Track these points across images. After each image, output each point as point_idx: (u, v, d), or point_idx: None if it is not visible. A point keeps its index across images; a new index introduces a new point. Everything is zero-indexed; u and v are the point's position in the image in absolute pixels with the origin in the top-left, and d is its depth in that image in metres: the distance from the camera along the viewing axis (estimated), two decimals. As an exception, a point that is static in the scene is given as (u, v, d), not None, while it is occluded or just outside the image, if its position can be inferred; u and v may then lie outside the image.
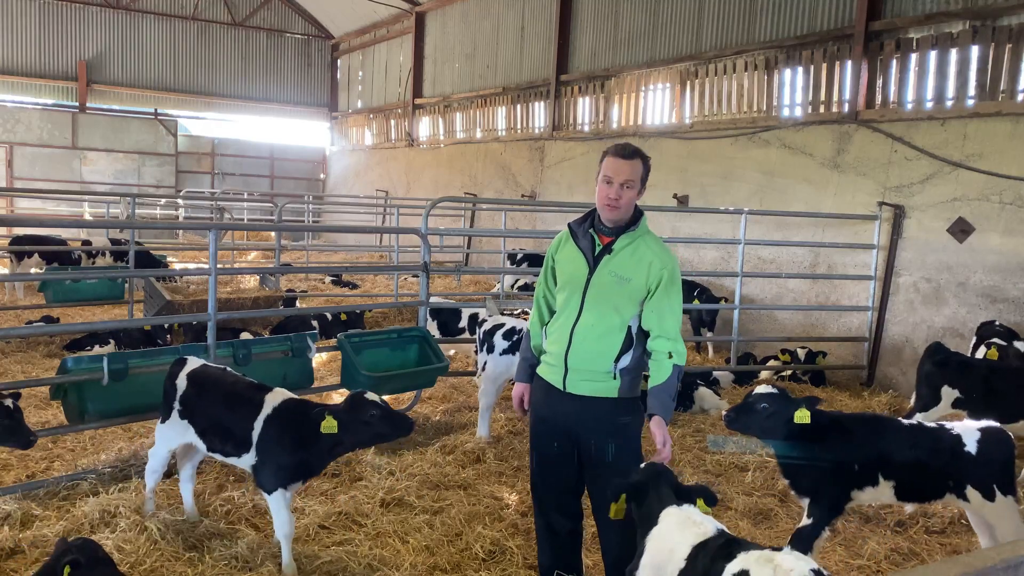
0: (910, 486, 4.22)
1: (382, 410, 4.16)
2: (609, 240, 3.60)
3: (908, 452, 4.19)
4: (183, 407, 4.55)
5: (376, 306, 12.83)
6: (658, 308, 3.53)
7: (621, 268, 3.55)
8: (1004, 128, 8.38)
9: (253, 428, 4.26)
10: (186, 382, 4.58)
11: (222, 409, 4.42)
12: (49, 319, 9.91)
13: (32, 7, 23.49)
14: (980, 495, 4.14)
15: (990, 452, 4.16)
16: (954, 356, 6.25)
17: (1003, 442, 4.21)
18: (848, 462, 4.17)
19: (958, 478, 4.17)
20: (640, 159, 3.54)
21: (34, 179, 23.02)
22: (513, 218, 16.45)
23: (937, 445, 4.22)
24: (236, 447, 4.34)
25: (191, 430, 4.53)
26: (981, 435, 4.19)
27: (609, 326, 3.55)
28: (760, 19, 11.52)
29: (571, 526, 3.86)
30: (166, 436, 4.65)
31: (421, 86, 21.72)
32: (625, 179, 3.49)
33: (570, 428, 3.66)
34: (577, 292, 3.60)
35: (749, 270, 10.21)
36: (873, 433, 4.27)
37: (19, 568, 4.10)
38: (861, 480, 4.19)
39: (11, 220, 17.39)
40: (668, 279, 3.53)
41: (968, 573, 1.96)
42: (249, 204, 22.67)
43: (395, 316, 11.82)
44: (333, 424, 4.09)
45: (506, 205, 15.89)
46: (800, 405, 4.15)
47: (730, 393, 8.35)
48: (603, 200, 3.53)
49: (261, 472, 4.26)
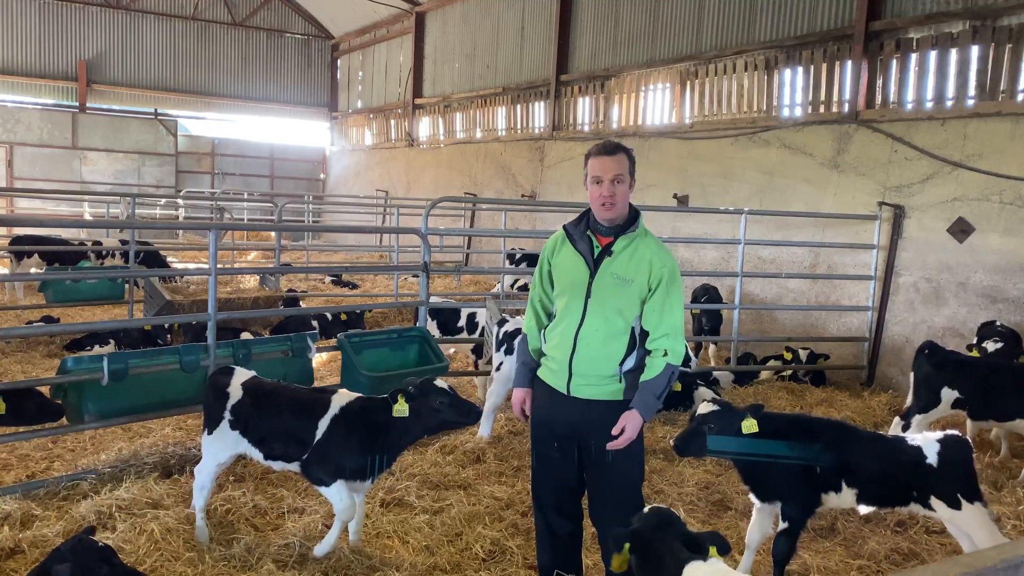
0: (873, 494, 4.19)
1: (451, 397, 4.20)
2: (608, 241, 3.57)
3: (870, 462, 4.15)
4: (235, 417, 4.45)
5: (376, 306, 12.83)
6: (658, 307, 3.52)
7: (622, 270, 3.53)
8: (1004, 128, 8.38)
9: (317, 428, 4.23)
10: (241, 392, 4.48)
11: (288, 415, 4.36)
12: (49, 319, 9.91)
13: (32, 7, 23.50)
14: (945, 505, 4.09)
15: (950, 461, 4.10)
16: (951, 356, 6.16)
17: (962, 449, 4.16)
18: (812, 461, 4.14)
19: (921, 489, 4.13)
20: (623, 152, 3.55)
21: (34, 179, 23.03)
22: (513, 218, 16.44)
23: (899, 457, 4.18)
24: (301, 451, 4.28)
25: (244, 441, 4.44)
26: (941, 446, 4.14)
27: (614, 329, 3.53)
28: (760, 19, 11.52)
29: (571, 527, 3.85)
30: (215, 449, 4.50)
31: (421, 86, 21.72)
32: (614, 175, 3.49)
33: (573, 430, 3.65)
34: (579, 296, 3.57)
35: (749, 270, 10.20)
36: (837, 439, 4.24)
37: (19, 568, 4.10)
38: (826, 483, 4.18)
39: (11, 220, 17.38)
40: (668, 278, 3.51)
41: (968, 573, 1.96)
42: (249, 204, 22.66)
43: (395, 316, 11.82)
44: (405, 407, 4.12)
45: (506, 205, 15.89)
46: (745, 416, 4.13)
47: (730, 393, 8.34)
48: (597, 200, 3.52)
49: (320, 467, 4.22)
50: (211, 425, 4.50)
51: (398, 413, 4.13)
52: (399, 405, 4.13)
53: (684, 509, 5.27)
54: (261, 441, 4.39)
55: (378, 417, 4.21)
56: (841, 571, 4.57)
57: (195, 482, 4.55)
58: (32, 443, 5.86)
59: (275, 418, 4.38)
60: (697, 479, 5.83)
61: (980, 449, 6.76)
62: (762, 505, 4.33)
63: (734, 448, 4.14)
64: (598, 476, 3.66)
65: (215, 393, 4.53)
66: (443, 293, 13.54)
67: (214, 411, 4.49)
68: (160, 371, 5.47)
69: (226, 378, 4.57)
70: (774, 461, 4.13)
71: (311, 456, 4.24)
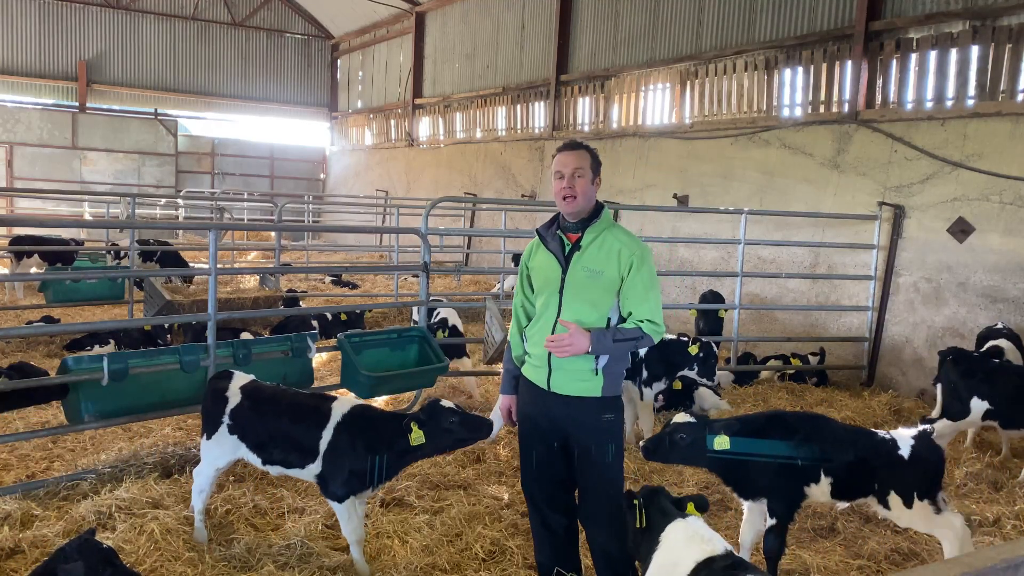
0: (846, 484, 4.19)
1: (460, 415, 4.16)
2: (577, 237, 3.67)
3: (848, 452, 4.16)
4: (234, 421, 4.42)
5: (376, 306, 12.83)
6: (632, 293, 3.58)
7: (592, 262, 3.60)
8: (1004, 128, 8.38)
9: (321, 437, 4.19)
10: (240, 395, 4.45)
11: (287, 421, 4.32)
12: (49, 319, 9.91)
13: (32, 7, 23.50)
14: (901, 501, 4.09)
15: (921, 458, 4.10)
16: (980, 364, 5.76)
17: (936, 451, 4.18)
18: (793, 457, 4.15)
19: (884, 482, 4.13)
20: (585, 149, 3.67)
21: (34, 179, 23.03)
22: (513, 218, 16.44)
23: (873, 447, 4.19)
24: (301, 458, 4.25)
25: (243, 446, 4.41)
26: (915, 441, 4.16)
27: (588, 322, 3.58)
28: (760, 19, 11.52)
29: (566, 522, 3.90)
30: (214, 454, 4.47)
31: (421, 86, 21.72)
32: (573, 168, 3.61)
33: (557, 426, 3.72)
34: (554, 293, 3.66)
35: (749, 270, 10.21)
36: (814, 431, 4.26)
37: (19, 568, 4.10)
38: (807, 475, 4.19)
39: (11, 220, 17.37)
40: (638, 263, 3.57)
41: (968, 573, 1.96)
42: (249, 204, 22.66)
43: (395, 316, 11.83)
44: (420, 434, 4.09)
45: (506, 205, 15.90)
46: (719, 432, 4.15)
47: (730, 393, 8.35)
48: (559, 194, 3.64)
49: (331, 482, 4.19)
50: (210, 429, 4.47)
51: (416, 442, 4.09)
52: (414, 434, 4.08)
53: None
54: (260, 446, 4.37)
55: (391, 437, 4.15)
56: (841, 571, 4.57)
57: (194, 485, 4.55)
58: (32, 443, 5.87)
59: (275, 423, 4.35)
60: (697, 479, 5.84)
61: (980, 449, 6.77)
62: (752, 504, 4.35)
63: (743, 450, 4.15)
64: (584, 474, 3.73)
65: (214, 397, 4.51)
66: (443, 293, 13.55)
67: (213, 415, 4.46)
68: (160, 371, 5.47)
69: (224, 382, 4.55)
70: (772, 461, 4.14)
71: (325, 469, 4.19)
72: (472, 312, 12.20)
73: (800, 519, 5.26)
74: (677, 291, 12.05)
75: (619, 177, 13.29)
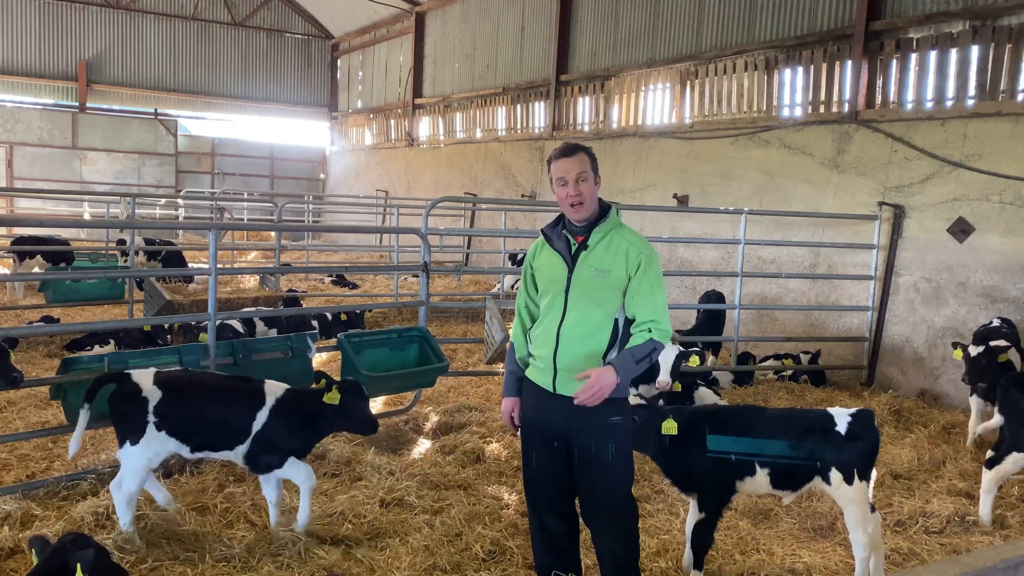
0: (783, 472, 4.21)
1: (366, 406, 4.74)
2: (583, 238, 3.63)
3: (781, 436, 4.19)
4: (160, 418, 4.34)
5: (376, 306, 12.83)
6: (638, 293, 3.54)
7: (599, 262, 3.57)
8: (1004, 128, 8.38)
9: (255, 419, 4.43)
10: (159, 391, 4.38)
11: (219, 406, 4.48)
12: (49, 319, 9.90)
13: (32, 7, 23.50)
14: (842, 478, 4.13)
15: (858, 435, 4.15)
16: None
17: (872, 425, 4.23)
18: (727, 453, 4.17)
19: (824, 460, 4.15)
20: (583, 151, 3.61)
21: (34, 179, 23.04)
22: (513, 218, 16.45)
23: (809, 427, 4.22)
24: (232, 440, 4.46)
25: (173, 440, 4.39)
26: (852, 418, 4.20)
27: (595, 322, 3.55)
28: (760, 19, 11.52)
29: (567, 527, 3.84)
30: (145, 457, 4.35)
31: (421, 86, 21.72)
32: (577, 173, 3.55)
33: (561, 429, 3.65)
34: (560, 292, 3.61)
35: (749, 270, 10.20)
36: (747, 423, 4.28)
37: (19, 568, 4.10)
38: (741, 471, 4.22)
39: (11, 220, 17.38)
40: (646, 264, 3.55)
41: (968, 573, 1.96)
42: (249, 204, 22.67)
43: (395, 316, 11.83)
44: (337, 396, 4.52)
45: (506, 205, 15.90)
46: (667, 416, 4.16)
47: (730, 393, 8.35)
48: (566, 201, 3.58)
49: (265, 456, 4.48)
50: (133, 435, 4.33)
51: (329, 400, 4.51)
52: (332, 394, 4.51)
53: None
54: (190, 435, 4.44)
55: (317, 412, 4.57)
56: (841, 571, 4.56)
57: (118, 500, 4.32)
58: (32, 443, 5.86)
59: (206, 409, 4.47)
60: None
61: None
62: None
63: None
64: (587, 477, 3.66)
65: (128, 401, 4.36)
66: (443, 293, 13.56)
67: (134, 419, 4.33)
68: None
69: (131, 385, 4.40)
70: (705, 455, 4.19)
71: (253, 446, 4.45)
72: (472, 312, 12.20)
73: (800, 519, 5.27)
74: (677, 291, 12.05)
75: (619, 177, 13.29)
